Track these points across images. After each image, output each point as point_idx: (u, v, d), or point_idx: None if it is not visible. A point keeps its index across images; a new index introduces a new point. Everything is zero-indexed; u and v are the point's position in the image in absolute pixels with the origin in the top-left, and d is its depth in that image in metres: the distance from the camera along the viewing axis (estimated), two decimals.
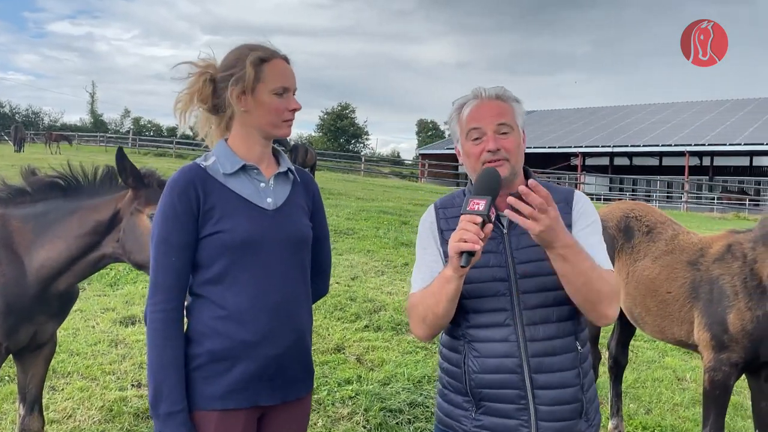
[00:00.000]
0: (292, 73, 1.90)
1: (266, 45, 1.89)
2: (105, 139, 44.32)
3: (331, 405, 4.16)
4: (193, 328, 1.84)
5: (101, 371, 4.54)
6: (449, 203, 1.98)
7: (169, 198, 1.80)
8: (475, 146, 1.84)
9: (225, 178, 1.85)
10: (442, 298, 1.73)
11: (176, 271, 1.78)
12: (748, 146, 31.97)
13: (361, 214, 12.58)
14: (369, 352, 5.22)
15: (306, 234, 1.94)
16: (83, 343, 5.07)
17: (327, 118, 66.71)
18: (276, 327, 1.83)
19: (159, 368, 1.75)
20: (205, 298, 1.83)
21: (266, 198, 1.88)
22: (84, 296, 6.46)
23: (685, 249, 3.50)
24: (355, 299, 6.60)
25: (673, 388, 5.00)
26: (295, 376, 1.91)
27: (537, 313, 1.80)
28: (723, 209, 28.19)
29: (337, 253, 8.88)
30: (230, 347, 1.79)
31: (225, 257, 1.80)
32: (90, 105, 75.69)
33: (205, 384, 1.80)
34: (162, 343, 1.76)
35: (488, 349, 1.81)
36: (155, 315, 1.77)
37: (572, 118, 45.36)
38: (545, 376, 1.79)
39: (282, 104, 1.85)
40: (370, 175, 35.93)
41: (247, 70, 1.82)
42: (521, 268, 1.81)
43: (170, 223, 1.79)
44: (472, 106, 1.87)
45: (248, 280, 1.81)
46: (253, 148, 1.90)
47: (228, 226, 1.80)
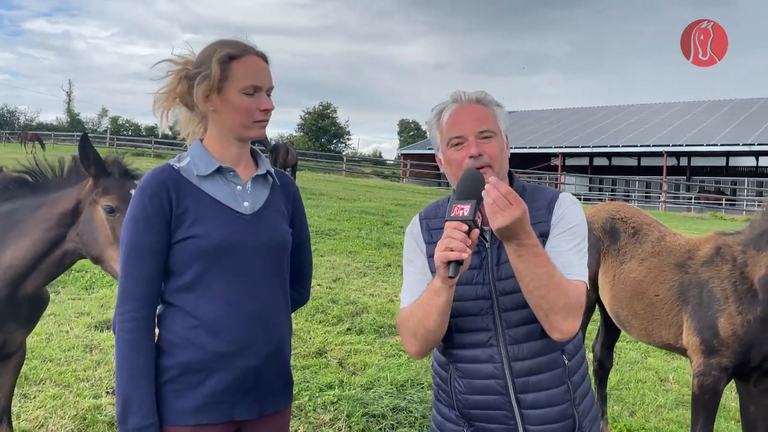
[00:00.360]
0: (266, 70, 1.79)
1: (241, 41, 1.79)
2: None
3: (313, 411, 4.08)
4: (165, 339, 1.74)
5: (75, 378, 4.40)
6: (433, 213, 1.89)
7: (140, 200, 1.71)
8: (456, 152, 1.75)
9: (199, 181, 1.76)
10: (432, 311, 1.65)
11: (147, 277, 1.69)
12: (724, 147, 32.42)
13: (343, 214, 12.50)
14: (351, 356, 5.14)
15: (285, 240, 1.85)
16: (56, 349, 4.93)
17: (308, 117, 66.40)
18: (252, 337, 1.74)
19: (128, 380, 1.66)
20: (178, 307, 1.73)
21: (243, 202, 1.79)
22: (58, 300, 6.30)
23: (672, 251, 3.46)
24: (336, 301, 6.52)
25: (656, 389, 4.99)
26: (273, 388, 1.82)
27: (520, 331, 1.73)
28: (700, 209, 28.55)
29: (318, 254, 8.79)
30: (204, 358, 1.70)
31: (198, 263, 1.71)
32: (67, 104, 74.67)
33: (177, 397, 1.70)
34: (131, 354, 1.66)
35: (473, 370, 1.75)
36: (124, 324, 1.67)
37: (552, 118, 45.65)
38: (532, 395, 1.72)
39: (252, 104, 1.75)
40: (352, 175, 35.83)
41: (212, 68, 1.72)
42: (501, 284, 1.73)
43: (141, 227, 1.69)
44: (452, 111, 1.78)
45: (223, 287, 1.72)
46: (228, 149, 1.81)
47: (201, 230, 1.70)
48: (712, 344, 3.02)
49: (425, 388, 4.52)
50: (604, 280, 3.76)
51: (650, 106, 45.42)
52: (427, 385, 4.54)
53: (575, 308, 1.65)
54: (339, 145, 68.55)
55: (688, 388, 5.02)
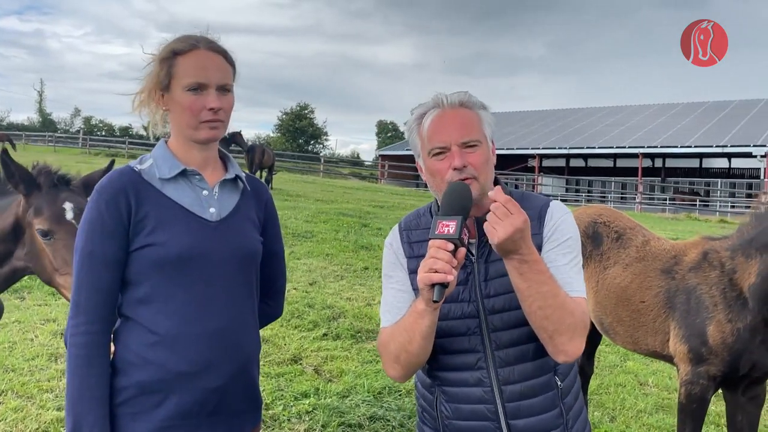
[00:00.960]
0: (216, 65, 1.64)
1: (194, 35, 1.66)
2: (54, 139, 42.83)
3: (287, 421, 3.95)
4: (121, 357, 1.61)
5: (38, 389, 4.22)
6: (414, 224, 1.75)
7: (96, 206, 1.58)
8: (438, 163, 1.61)
9: (162, 184, 1.64)
10: (416, 336, 1.52)
11: (102, 289, 1.57)
12: (698, 148, 32.87)
13: (320, 216, 12.36)
14: (327, 363, 5.02)
15: (254, 249, 1.73)
16: (20, 358, 4.73)
17: (286, 118, 65.95)
18: (216, 356, 1.61)
19: (79, 400, 1.53)
20: (134, 321, 1.61)
21: (209, 208, 1.66)
22: (23, 306, 6.08)
23: (657, 256, 3.39)
24: (313, 306, 6.39)
25: (636, 393, 4.95)
26: (239, 409, 1.69)
27: (510, 352, 1.61)
28: (675, 209, 28.90)
29: (294, 257, 8.65)
30: (163, 378, 1.57)
31: (158, 274, 1.58)
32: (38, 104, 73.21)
33: (133, 421, 1.57)
34: (83, 372, 1.53)
35: (461, 394, 1.64)
36: (76, 338, 1.54)
37: (529, 120, 45.94)
38: (523, 421, 1.62)
39: (198, 102, 1.61)
40: (330, 177, 35.65)
41: (154, 66, 1.62)
42: (490, 302, 1.61)
43: (96, 235, 1.57)
44: (433, 118, 1.63)
45: (185, 301, 1.59)
46: (190, 151, 1.68)
47: (162, 238, 1.58)
48: (700, 352, 2.96)
49: (403, 395, 4.41)
50: (587, 286, 3.68)
51: (626, 107, 45.94)
52: (405, 392, 4.44)
53: (580, 328, 1.56)
54: (317, 146, 68.26)
55: (668, 392, 4.99)
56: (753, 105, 38.71)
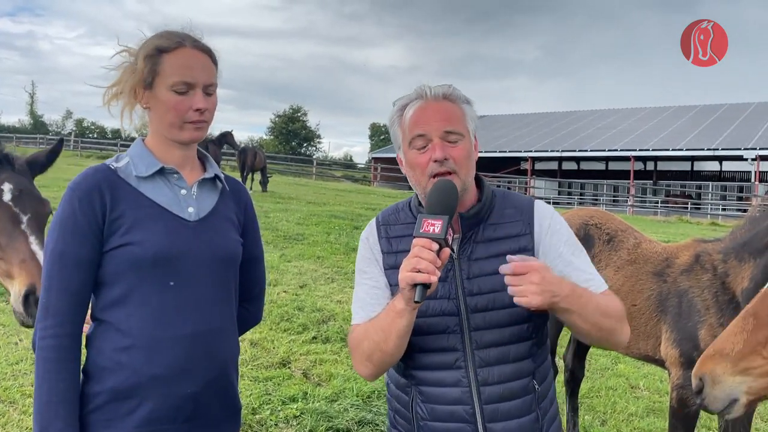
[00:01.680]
0: (203, 64, 1.59)
1: (181, 32, 1.60)
2: (45, 141, 42.56)
3: (274, 426, 3.89)
4: (93, 362, 1.55)
5: (21, 394, 4.15)
6: (392, 219, 1.72)
7: (69, 205, 1.52)
8: (419, 155, 1.58)
9: (138, 183, 1.58)
10: (392, 335, 1.49)
11: (73, 291, 1.51)
12: (689, 151, 33.03)
13: (312, 218, 12.31)
14: (316, 366, 4.97)
15: (234, 250, 1.68)
16: (3, 363, 4.67)
17: (278, 120, 65.84)
18: (193, 359, 1.56)
19: (47, 406, 1.47)
20: (108, 324, 1.55)
21: (187, 207, 1.61)
22: (8, 309, 5.99)
23: (649, 259, 3.36)
24: (302, 309, 6.33)
25: (627, 397, 4.92)
26: (217, 416, 1.64)
27: (491, 353, 1.57)
28: (666, 212, 29.02)
29: (285, 259, 8.59)
30: (136, 383, 1.52)
31: (132, 274, 1.53)
32: (29, 106, 72.79)
33: (106, 428, 1.52)
34: (52, 376, 1.47)
35: (438, 394, 1.59)
36: (45, 342, 1.49)
37: (522, 122, 46.03)
38: (501, 425, 1.57)
39: (184, 103, 1.56)
40: (322, 179, 35.59)
41: (138, 62, 1.55)
42: (473, 300, 1.58)
43: (68, 234, 1.51)
44: (416, 108, 1.60)
45: (160, 302, 1.53)
46: (169, 150, 1.63)
47: (138, 237, 1.53)
48: (692, 357, 2.91)
49: None
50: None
51: (618, 110, 46.12)
52: None
53: (623, 317, 1.61)
54: (309, 149, 68.14)
55: (659, 396, 4.97)
56: (744, 108, 38.95)
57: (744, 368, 1.58)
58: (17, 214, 2.17)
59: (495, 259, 1.57)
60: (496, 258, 1.57)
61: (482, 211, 1.64)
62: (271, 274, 7.69)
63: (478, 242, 1.62)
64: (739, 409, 1.61)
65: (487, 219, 1.64)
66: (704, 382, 1.61)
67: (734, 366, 1.58)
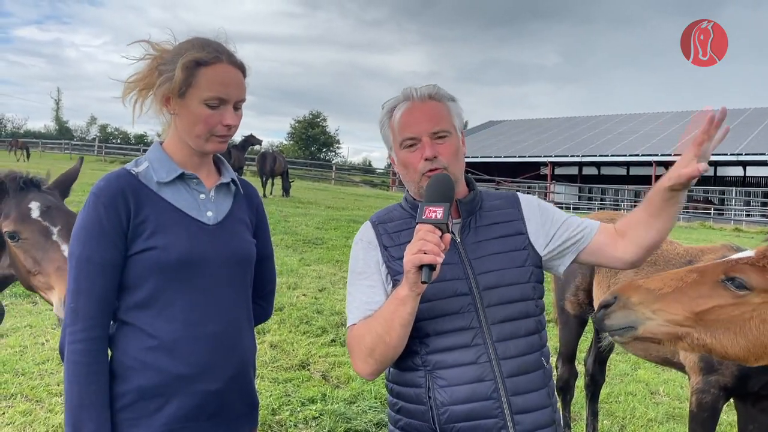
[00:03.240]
0: (237, 81, 1.62)
1: (216, 45, 1.63)
2: (70, 147, 43.34)
3: (294, 426, 3.94)
4: (119, 362, 1.59)
5: (47, 392, 4.25)
6: (387, 218, 1.79)
7: (94, 210, 1.56)
8: (410, 154, 1.67)
9: (159, 187, 1.62)
10: (395, 324, 1.52)
11: (100, 295, 1.55)
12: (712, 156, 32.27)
13: (331, 223, 12.39)
14: (335, 368, 5.01)
15: (250, 252, 1.73)
16: (30, 362, 4.77)
17: (298, 126, 66.24)
18: (215, 359, 1.61)
19: (79, 408, 1.50)
20: (133, 326, 1.59)
21: (206, 211, 1.66)
22: (35, 311, 6.13)
23: (670, 260, 3.31)
24: (321, 312, 6.39)
25: (647, 402, 4.89)
26: (238, 412, 1.69)
27: (505, 327, 1.63)
28: (688, 218, 28.63)
29: (305, 263, 8.66)
30: (162, 383, 1.56)
31: (156, 278, 1.57)
32: (55, 112, 74.10)
33: (133, 427, 1.56)
34: (83, 379, 1.51)
35: (457, 375, 1.60)
36: (75, 346, 1.52)
37: (542, 128, 45.79)
38: (522, 398, 1.61)
39: (214, 117, 1.59)
40: (341, 184, 35.73)
41: (176, 72, 1.57)
42: (483, 279, 1.64)
43: (94, 239, 1.54)
44: (404, 110, 1.69)
45: (183, 304, 1.58)
46: (189, 156, 1.67)
47: (162, 242, 1.57)
48: (711, 362, 2.88)
49: None
50: (598, 291, 3.63)
51: (639, 115, 45.70)
52: None
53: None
54: (329, 154, 68.42)
55: (679, 402, 4.93)
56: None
57: (658, 308, 1.59)
58: (47, 228, 2.20)
59: (496, 240, 1.69)
60: (497, 240, 1.69)
61: (476, 198, 1.75)
62: (291, 278, 7.76)
63: (477, 227, 1.71)
64: (630, 337, 1.62)
65: (481, 207, 1.75)
66: (616, 301, 1.63)
67: (652, 303, 1.60)
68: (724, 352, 1.61)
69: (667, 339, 1.61)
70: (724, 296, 1.60)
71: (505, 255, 1.68)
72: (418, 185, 1.68)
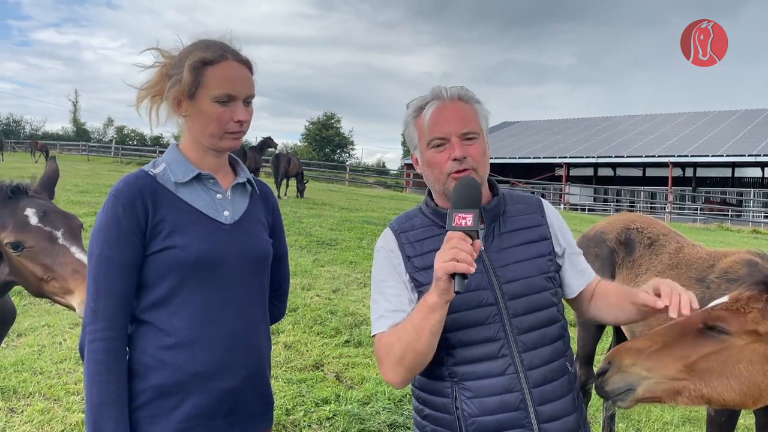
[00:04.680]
0: (245, 77, 1.66)
1: (221, 44, 1.66)
2: (87, 148, 43.80)
3: (308, 427, 3.96)
4: (137, 360, 1.61)
5: (65, 391, 4.29)
6: (408, 226, 1.75)
7: (113, 211, 1.58)
8: (438, 154, 1.64)
9: (177, 188, 1.65)
10: (425, 332, 1.50)
11: (119, 294, 1.57)
12: (730, 157, 32.25)
13: (345, 224, 12.40)
14: (349, 369, 5.02)
15: (267, 251, 1.75)
16: (48, 361, 4.82)
17: (312, 127, 66.48)
18: (233, 356, 1.63)
19: (99, 407, 1.53)
20: (150, 324, 1.61)
21: (223, 211, 1.68)
22: (53, 310, 6.21)
23: (692, 264, 3.25)
24: (335, 313, 6.40)
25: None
26: (253, 410, 1.71)
27: (531, 336, 1.62)
28: (705, 219, 28.36)
29: (318, 264, 8.69)
30: (180, 380, 1.58)
31: (174, 277, 1.59)
32: (72, 113, 74.93)
33: (151, 424, 1.58)
34: (103, 378, 1.53)
35: (485, 386, 1.59)
36: (95, 345, 1.54)
37: (557, 128, 45.57)
38: (549, 406, 1.61)
39: (226, 114, 1.62)
40: (355, 185, 35.78)
41: (184, 74, 1.60)
42: (508, 288, 1.62)
43: (113, 240, 1.57)
44: (434, 109, 1.66)
45: (201, 303, 1.60)
46: (205, 155, 1.69)
47: (180, 241, 1.59)
48: None
49: None
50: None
51: (656, 116, 45.34)
52: None
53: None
54: (343, 155, 68.57)
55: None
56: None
57: (651, 367, 1.60)
58: (51, 233, 2.15)
59: (521, 247, 1.67)
60: (522, 246, 1.67)
61: (500, 204, 1.72)
62: (305, 279, 7.79)
63: (502, 233, 1.68)
64: (632, 400, 1.62)
65: (505, 212, 1.72)
66: (611, 367, 1.63)
67: (644, 362, 1.61)
68: (722, 399, 1.62)
69: (667, 396, 1.63)
70: (709, 344, 1.62)
71: (530, 262, 1.66)
72: (443, 186, 1.66)
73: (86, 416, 1.56)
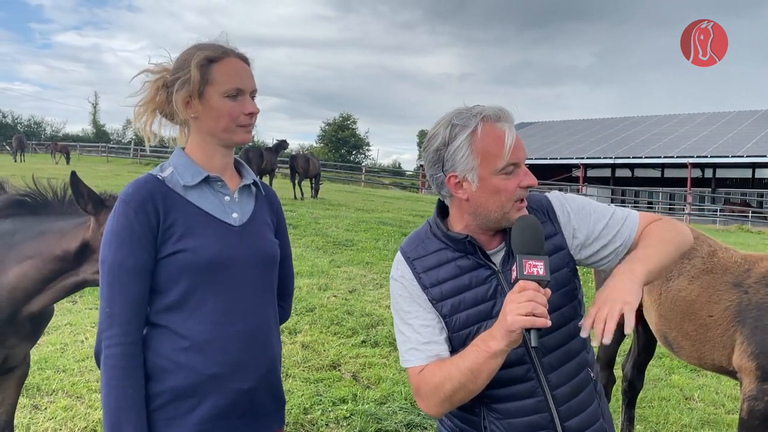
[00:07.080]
0: (248, 72, 1.69)
1: (219, 43, 1.70)
2: (107, 150, 44.33)
3: (325, 426, 3.99)
4: (152, 363, 1.62)
5: (87, 389, 4.37)
6: (421, 251, 1.66)
7: (124, 216, 1.59)
8: (508, 181, 1.53)
9: (185, 191, 1.66)
10: (483, 375, 1.47)
11: (133, 299, 1.58)
12: (750, 158, 31.84)
13: (361, 225, 12.44)
14: (365, 369, 5.05)
15: (275, 252, 1.77)
16: (71, 359, 4.91)
17: (328, 129, 66.64)
18: (247, 357, 1.65)
19: (117, 411, 1.54)
20: (165, 328, 1.63)
21: (231, 213, 1.70)
22: (75, 309, 6.31)
23: (728, 268, 3.18)
24: (352, 313, 6.44)
25: (681, 408, 4.81)
26: (267, 410, 1.74)
27: (556, 355, 1.61)
28: (725, 221, 28.02)
29: (335, 265, 8.73)
30: (196, 382, 1.60)
31: (186, 279, 1.60)
32: (92, 115, 75.80)
33: (168, 427, 1.60)
34: (120, 383, 1.55)
35: (513, 409, 1.60)
36: (112, 350, 1.56)
37: (574, 129, 45.28)
38: (576, 420, 1.62)
39: (236, 107, 1.65)
40: (371, 186, 35.83)
41: (192, 73, 1.62)
42: None
43: (125, 245, 1.57)
44: (508, 133, 1.53)
45: (214, 305, 1.62)
46: (212, 157, 1.71)
47: (192, 244, 1.60)
48: (766, 369, 2.81)
49: None
50: (648, 298, 3.51)
51: (674, 116, 44.88)
52: None
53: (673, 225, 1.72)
54: (359, 156, 68.66)
55: (714, 407, 4.84)
56: None
57: None
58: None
59: None
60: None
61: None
62: (321, 279, 7.84)
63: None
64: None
65: None
66: None
67: None
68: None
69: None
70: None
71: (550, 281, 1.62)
72: (505, 215, 1.57)
73: (104, 421, 1.57)
